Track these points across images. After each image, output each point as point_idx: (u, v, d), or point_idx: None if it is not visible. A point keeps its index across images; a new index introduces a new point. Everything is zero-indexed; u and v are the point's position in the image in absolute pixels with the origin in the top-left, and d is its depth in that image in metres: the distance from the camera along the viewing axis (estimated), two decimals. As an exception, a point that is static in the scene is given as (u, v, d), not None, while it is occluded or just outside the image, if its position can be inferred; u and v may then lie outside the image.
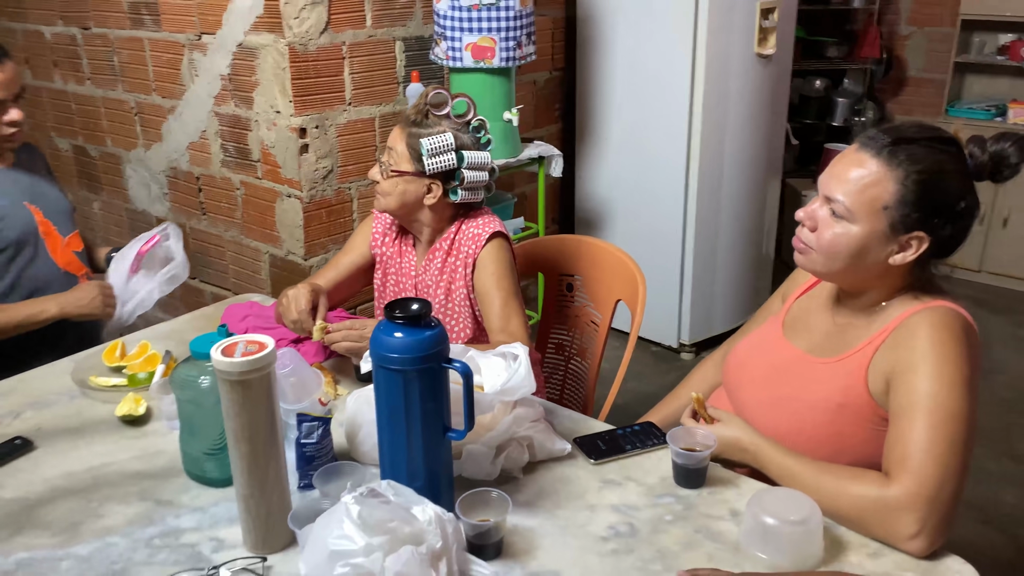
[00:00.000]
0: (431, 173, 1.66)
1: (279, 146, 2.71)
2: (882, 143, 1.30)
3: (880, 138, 1.31)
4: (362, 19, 2.72)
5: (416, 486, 1.16)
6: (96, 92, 3.31)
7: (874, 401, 1.32)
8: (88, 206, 3.61)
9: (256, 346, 1.12)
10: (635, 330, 1.93)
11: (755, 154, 3.43)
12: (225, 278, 3.11)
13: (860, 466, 1.32)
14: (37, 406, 1.59)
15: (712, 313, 3.54)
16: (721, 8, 3.07)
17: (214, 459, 1.33)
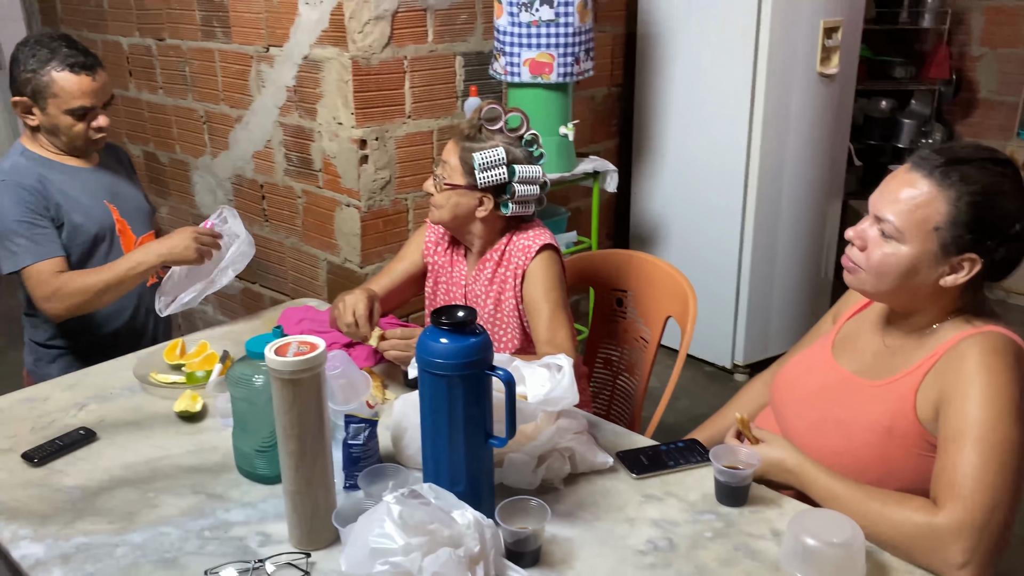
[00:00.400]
0: (483, 187, 1.69)
1: (340, 157, 2.78)
2: (934, 163, 1.28)
3: (933, 158, 1.29)
4: (424, 34, 2.77)
5: (457, 490, 1.18)
6: (168, 101, 3.44)
7: (922, 426, 1.30)
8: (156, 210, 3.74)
9: (308, 346, 1.15)
10: (684, 347, 1.93)
11: (815, 174, 3.38)
12: (284, 283, 3.19)
13: (907, 491, 1.30)
14: (100, 399, 1.66)
15: (767, 334, 3.49)
16: (783, 27, 3.05)
17: (264, 456, 1.37)
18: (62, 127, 1.91)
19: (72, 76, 1.86)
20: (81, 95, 1.88)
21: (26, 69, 1.86)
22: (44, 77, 1.85)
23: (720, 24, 3.16)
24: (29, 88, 1.87)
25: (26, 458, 1.44)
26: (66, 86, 1.86)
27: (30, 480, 1.40)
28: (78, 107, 1.89)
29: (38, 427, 1.56)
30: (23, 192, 1.86)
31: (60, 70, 1.85)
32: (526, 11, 2.66)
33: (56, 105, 1.88)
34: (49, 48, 1.87)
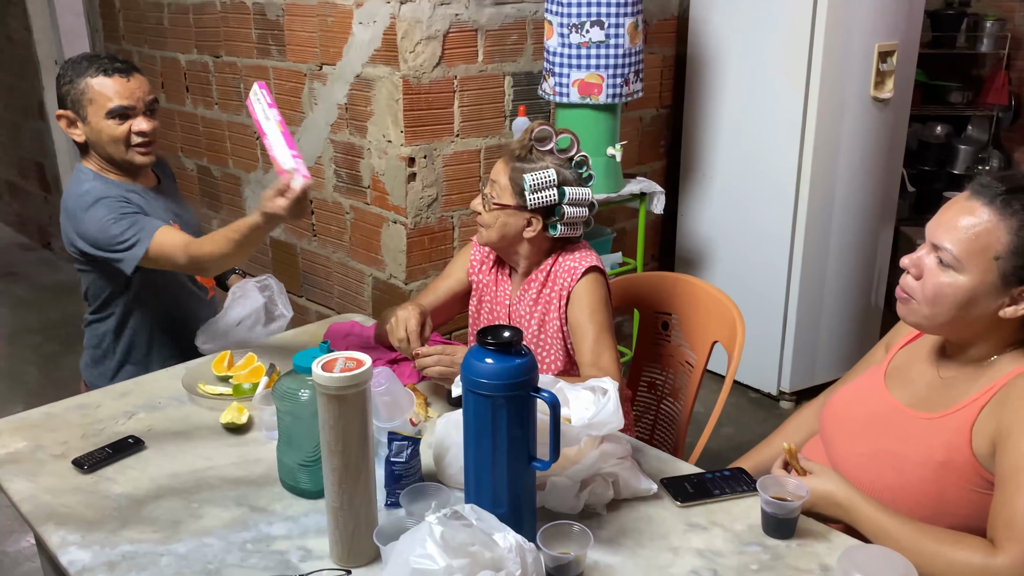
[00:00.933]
0: (532, 208, 1.69)
1: (388, 174, 2.80)
2: (995, 191, 1.25)
3: (994, 186, 1.26)
4: (474, 54, 2.80)
5: (499, 512, 1.17)
6: (222, 116, 3.51)
7: (978, 462, 1.26)
8: (208, 223, 3.81)
9: (354, 363, 1.16)
10: (731, 373, 1.90)
11: (867, 200, 3.32)
12: (330, 298, 3.22)
13: (961, 529, 1.26)
14: (150, 408, 1.69)
15: (815, 361, 3.42)
16: (837, 50, 3.01)
17: (308, 471, 1.37)
18: (104, 134, 1.89)
19: (106, 79, 1.86)
20: (116, 95, 1.87)
21: (64, 82, 1.89)
22: (80, 84, 1.86)
23: (772, 47, 3.13)
24: (69, 100, 1.89)
25: (76, 464, 1.47)
26: (101, 89, 1.86)
27: (79, 486, 1.42)
28: (115, 107, 1.87)
29: (89, 434, 1.59)
30: (111, 200, 1.86)
31: (95, 75, 1.86)
32: (576, 32, 2.67)
33: (94, 111, 1.87)
34: (87, 59, 1.89)
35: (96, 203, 1.85)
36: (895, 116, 3.32)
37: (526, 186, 1.67)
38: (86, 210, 1.85)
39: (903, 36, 3.18)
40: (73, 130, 1.92)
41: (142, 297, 2.01)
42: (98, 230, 1.83)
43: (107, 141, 1.90)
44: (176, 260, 1.83)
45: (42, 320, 4.41)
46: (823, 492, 1.31)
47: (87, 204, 1.85)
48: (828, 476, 1.34)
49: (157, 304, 2.03)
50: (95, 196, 1.86)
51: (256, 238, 1.74)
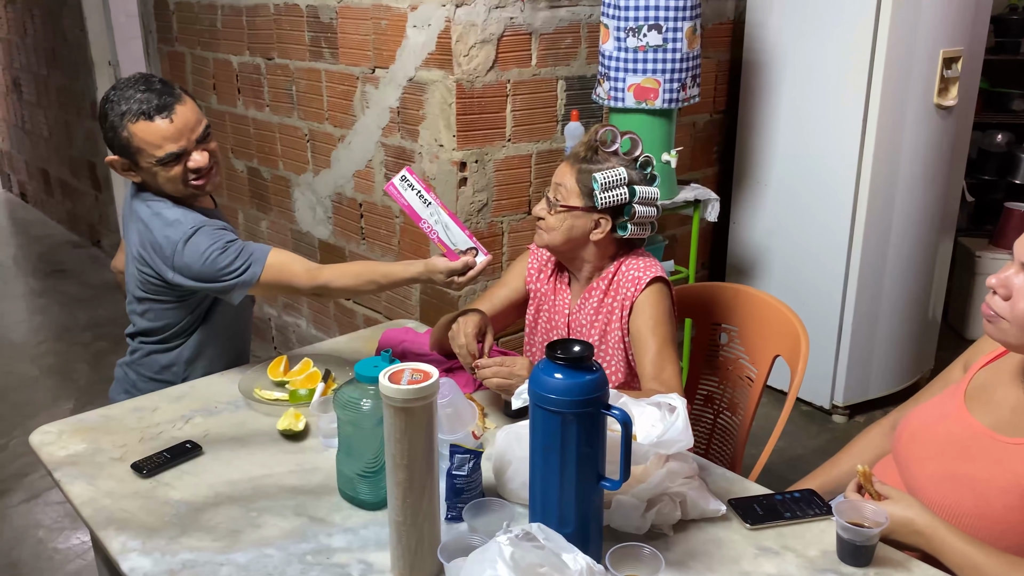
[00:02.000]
0: (602, 207, 1.66)
1: (439, 178, 2.78)
2: None
3: None
4: (528, 58, 2.77)
5: (566, 532, 1.13)
6: (273, 118, 3.52)
7: (1071, 493, 1.19)
8: (256, 224, 3.83)
9: (421, 375, 1.13)
10: (794, 389, 1.85)
11: (928, 211, 3.23)
12: (377, 301, 3.21)
13: (1052, 563, 1.19)
14: (206, 412, 1.69)
15: (869, 375, 3.34)
16: (900, 56, 2.93)
17: (368, 481, 1.35)
18: (161, 179, 1.75)
19: (149, 124, 1.69)
20: (164, 141, 1.71)
21: (107, 128, 1.73)
22: (123, 133, 1.71)
23: (832, 52, 3.06)
24: (116, 147, 1.74)
25: (135, 469, 1.47)
26: (146, 137, 1.70)
27: (138, 491, 1.41)
28: (165, 155, 1.72)
29: (147, 438, 1.59)
30: (209, 228, 1.74)
31: (135, 121, 1.69)
32: (633, 36, 2.62)
33: (145, 159, 1.73)
34: (125, 99, 1.70)
35: (195, 233, 1.72)
36: (958, 124, 3.22)
37: (596, 185, 1.64)
38: (185, 242, 1.71)
39: (968, 42, 3.08)
40: (128, 174, 1.79)
41: (216, 324, 1.93)
42: (204, 263, 1.71)
43: (164, 183, 1.77)
44: (296, 286, 1.75)
45: (92, 318, 4.48)
46: (902, 519, 1.25)
47: (184, 236, 1.72)
48: (907, 502, 1.28)
49: (225, 329, 1.96)
50: (191, 225, 1.73)
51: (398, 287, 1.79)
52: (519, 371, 1.52)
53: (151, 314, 1.87)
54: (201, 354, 1.92)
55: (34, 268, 5.49)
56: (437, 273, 1.67)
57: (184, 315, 1.87)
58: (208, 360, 1.94)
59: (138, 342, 1.93)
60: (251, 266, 1.72)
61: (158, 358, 1.91)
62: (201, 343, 1.92)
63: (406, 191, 1.68)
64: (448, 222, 1.67)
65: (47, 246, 5.90)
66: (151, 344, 1.91)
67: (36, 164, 6.52)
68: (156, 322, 1.87)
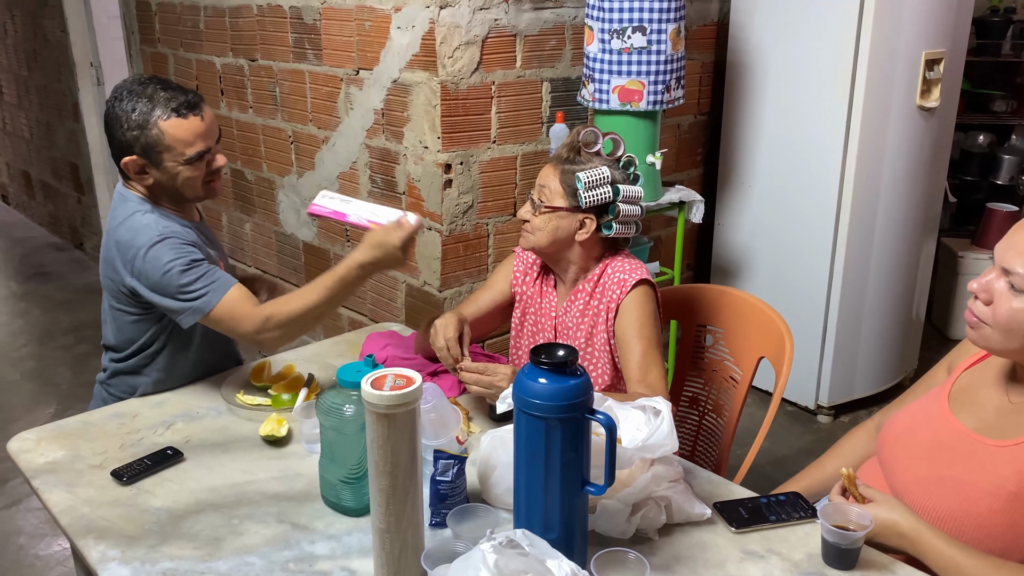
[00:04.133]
0: (586, 207, 1.65)
1: (424, 180, 2.77)
2: None
3: None
4: (512, 60, 2.76)
5: (550, 538, 1.13)
6: (257, 120, 3.50)
7: (1055, 495, 1.20)
8: (240, 227, 3.81)
9: (404, 380, 1.12)
10: (779, 391, 1.85)
11: (911, 212, 3.24)
12: (362, 304, 3.19)
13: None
14: (187, 418, 1.67)
15: (854, 375, 3.35)
16: (883, 58, 2.94)
17: (351, 488, 1.34)
18: (182, 179, 1.70)
19: (182, 121, 1.66)
20: (195, 139, 1.68)
21: (129, 127, 1.65)
22: (152, 131, 1.64)
23: (816, 54, 3.06)
24: (138, 147, 1.66)
25: (115, 476, 1.45)
26: (178, 134, 1.66)
27: (118, 499, 1.40)
28: (195, 154, 1.68)
29: (127, 444, 1.57)
30: (178, 240, 1.66)
31: (167, 118, 1.65)
32: (618, 38, 2.62)
33: (172, 157, 1.67)
34: (146, 96, 1.65)
35: (161, 242, 1.65)
36: (940, 125, 3.24)
37: (580, 185, 1.64)
38: (148, 248, 1.64)
39: (950, 44, 3.10)
40: (142, 176, 1.71)
41: (187, 350, 1.83)
42: (162, 274, 1.63)
43: (183, 184, 1.72)
44: (241, 325, 1.63)
45: (73, 321, 4.44)
46: (887, 522, 1.25)
47: (149, 241, 1.65)
48: (891, 504, 1.28)
49: (199, 358, 1.85)
50: (158, 233, 1.66)
51: (353, 284, 1.64)
52: (499, 381, 1.51)
53: (115, 325, 1.80)
54: (169, 377, 1.81)
55: (15, 271, 5.43)
56: (375, 242, 1.59)
57: (147, 331, 1.78)
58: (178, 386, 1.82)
59: (108, 358, 1.86)
60: (208, 293, 1.63)
61: (126, 379, 1.82)
62: (168, 368, 1.81)
63: (327, 202, 1.70)
64: (374, 208, 1.64)
65: (29, 248, 5.84)
66: (118, 363, 1.82)
67: (17, 166, 6.45)
68: (120, 336, 1.80)
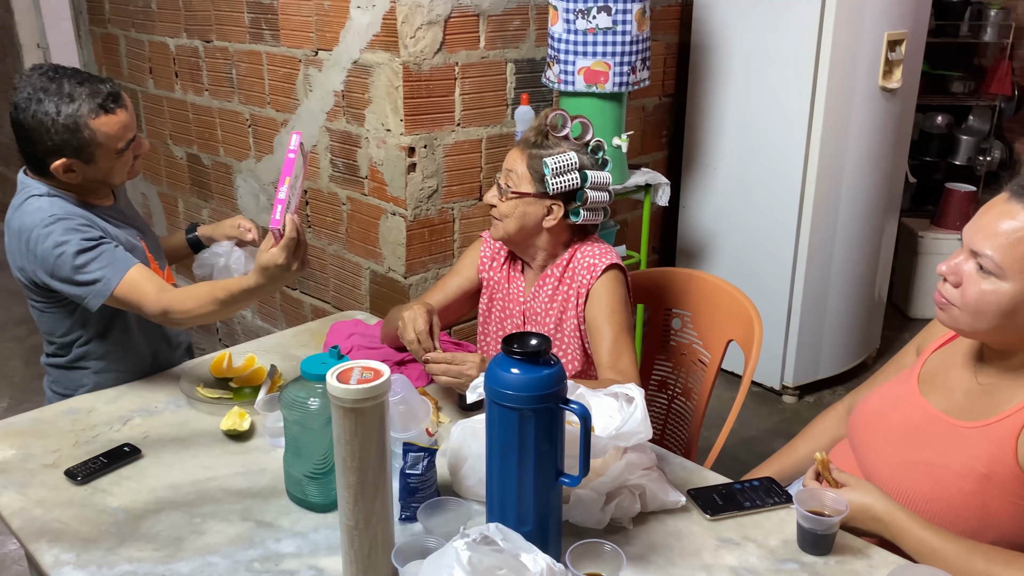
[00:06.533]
0: (554, 193, 1.62)
1: (387, 164, 2.72)
2: None
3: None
4: (476, 40, 2.71)
5: (524, 531, 1.10)
6: (213, 103, 3.40)
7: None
8: (198, 212, 3.71)
9: (371, 373, 1.08)
10: (749, 374, 1.84)
11: (874, 193, 3.26)
12: (325, 291, 3.13)
13: (1005, 544, 1.20)
14: (145, 413, 1.61)
15: (818, 356, 3.37)
16: (846, 39, 2.94)
17: (316, 483, 1.30)
18: (116, 170, 1.68)
19: (111, 118, 1.62)
20: (125, 131, 1.65)
21: (57, 131, 1.59)
22: (84, 132, 1.60)
23: (780, 35, 3.06)
24: (69, 149, 1.61)
25: (69, 475, 1.39)
26: (109, 131, 1.62)
27: (73, 499, 1.34)
28: (125, 145, 1.66)
29: (82, 441, 1.51)
30: (72, 222, 1.62)
31: (96, 116, 1.60)
32: (583, 18, 2.58)
33: (104, 154, 1.64)
34: (65, 95, 1.59)
35: (53, 224, 1.60)
36: (902, 106, 3.26)
37: (547, 171, 1.61)
38: (40, 231, 1.60)
39: (912, 24, 3.11)
40: (69, 175, 1.65)
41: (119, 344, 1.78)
42: (56, 257, 1.58)
43: (116, 173, 1.70)
44: (144, 308, 1.59)
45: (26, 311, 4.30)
46: (861, 505, 1.25)
47: (41, 223, 1.61)
48: (865, 488, 1.28)
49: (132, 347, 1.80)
50: (50, 215, 1.61)
51: (247, 301, 1.54)
52: (468, 370, 1.48)
53: (38, 319, 1.75)
54: (112, 370, 1.77)
55: (-37, 260, 5.25)
56: (260, 266, 1.43)
57: (65, 323, 1.73)
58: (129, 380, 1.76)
59: (43, 356, 1.81)
60: (107, 275, 1.58)
61: (65, 375, 1.77)
62: (106, 361, 1.77)
63: (299, 158, 1.51)
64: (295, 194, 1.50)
65: (-24, 237, 5.65)
66: (50, 358, 1.77)
67: (-37, 151, 6.24)
68: (44, 329, 1.75)
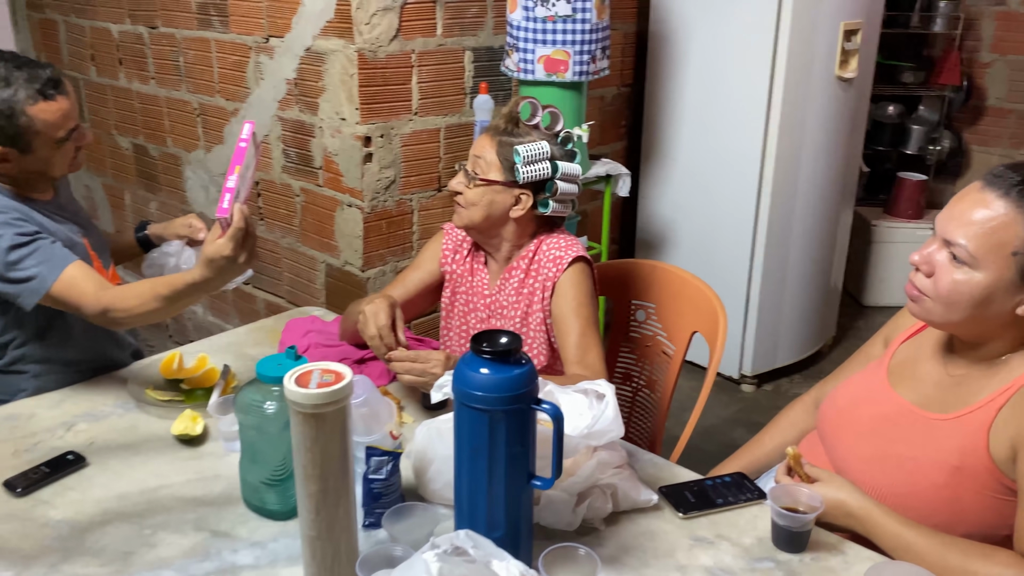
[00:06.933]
0: (523, 182, 1.58)
1: (342, 154, 2.64)
2: (1011, 181, 1.18)
3: (1008, 176, 1.19)
4: (433, 27, 2.64)
5: (495, 536, 1.06)
6: (160, 92, 3.28)
7: (996, 466, 1.19)
8: (145, 206, 3.58)
9: (332, 376, 1.03)
10: (714, 366, 1.81)
11: (830, 182, 3.28)
12: (279, 285, 3.05)
13: (978, 537, 1.20)
14: (91, 418, 1.53)
15: (776, 345, 3.39)
16: (804, 28, 2.94)
17: (275, 490, 1.24)
18: (52, 162, 1.62)
19: (50, 104, 1.55)
20: (65, 119, 1.58)
21: None
22: (20, 119, 1.53)
23: (738, 24, 3.05)
24: (3, 137, 1.55)
25: (8, 487, 1.30)
26: (48, 118, 1.55)
27: (13, 512, 1.26)
28: (66, 134, 1.60)
29: (21, 449, 1.42)
30: (6, 215, 1.54)
31: (34, 103, 1.53)
32: (542, 6, 2.53)
33: (43, 142, 1.58)
34: (1, 80, 1.52)
35: None
36: (858, 96, 3.28)
37: (518, 159, 1.56)
38: None
39: (867, 14, 3.13)
40: (4, 166, 1.59)
41: (60, 336, 1.69)
42: None
43: (56, 165, 1.63)
44: (83, 308, 1.51)
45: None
46: (835, 501, 1.23)
47: None
48: (838, 483, 1.26)
49: (74, 348, 1.72)
50: None
51: (193, 297, 1.45)
52: (433, 369, 1.42)
53: None
54: (53, 373, 1.68)
55: None
56: (206, 258, 1.34)
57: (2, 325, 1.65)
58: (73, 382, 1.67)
59: None
60: (42, 272, 1.51)
61: (2, 380, 1.68)
62: (47, 363, 1.68)
63: (250, 147, 1.41)
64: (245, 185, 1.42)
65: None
66: None
67: None
68: None
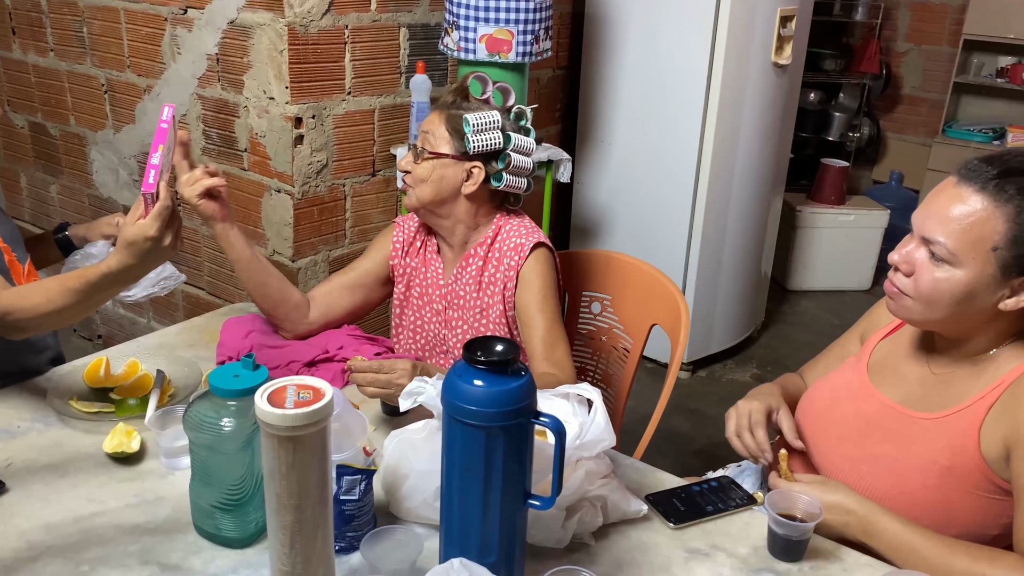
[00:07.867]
0: (475, 153, 1.48)
1: (270, 136, 2.47)
2: (987, 175, 1.15)
3: (983, 170, 1.15)
4: (367, 2, 2.49)
5: (488, 562, 0.97)
6: (60, 65, 3.01)
7: (987, 466, 1.17)
8: (45, 190, 3.30)
9: (311, 393, 0.91)
10: (677, 360, 1.76)
11: (764, 168, 3.29)
12: (199, 276, 2.85)
13: (969, 537, 1.17)
14: (6, 435, 1.35)
15: (711, 331, 3.39)
16: (742, 13, 2.92)
17: (230, 514, 1.11)
18: None
19: None
20: None
21: None
22: None
23: (677, 8, 3.00)
24: None
25: (-88, 521, 1.13)
26: None
27: (-81, 551, 1.09)
28: None
29: (-75, 475, 1.24)
30: None
31: None
32: (484, -18, 2.42)
33: None
34: None
35: None
36: (790, 82, 3.29)
37: (468, 128, 1.47)
38: None
39: (800, 1, 3.13)
40: None
41: None
42: None
43: None
44: None
45: None
46: (832, 502, 1.18)
47: None
48: (833, 485, 1.22)
49: None
50: None
51: (110, 290, 1.29)
52: (399, 379, 1.30)
53: None
54: None
55: None
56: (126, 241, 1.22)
57: None
58: None
59: None
60: None
61: None
62: None
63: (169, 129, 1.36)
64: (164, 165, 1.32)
65: None
66: None
67: None
68: None
